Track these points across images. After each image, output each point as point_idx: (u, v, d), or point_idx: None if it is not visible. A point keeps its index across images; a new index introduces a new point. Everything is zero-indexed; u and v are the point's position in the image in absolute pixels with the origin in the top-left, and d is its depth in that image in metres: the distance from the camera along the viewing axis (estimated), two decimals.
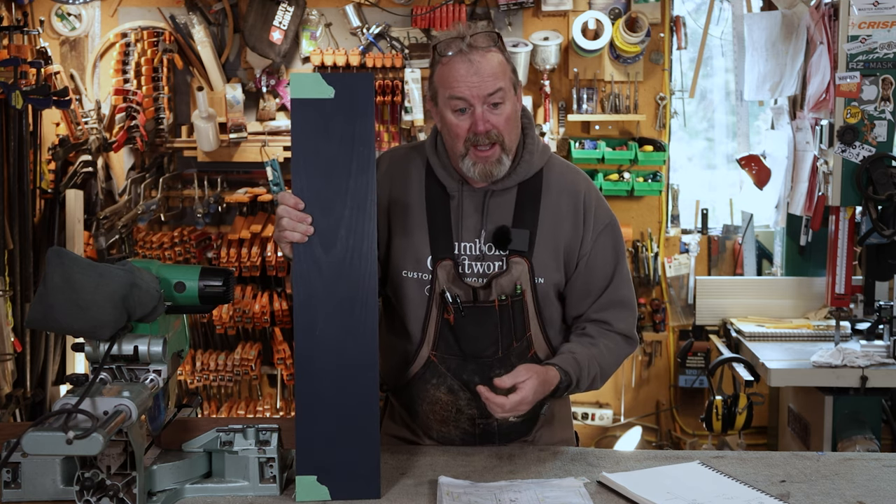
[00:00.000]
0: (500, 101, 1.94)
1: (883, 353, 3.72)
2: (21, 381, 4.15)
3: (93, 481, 1.61)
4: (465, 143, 1.95)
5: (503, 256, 2.01)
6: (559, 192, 2.05)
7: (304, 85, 1.76)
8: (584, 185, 2.09)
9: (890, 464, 1.96)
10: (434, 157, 2.07)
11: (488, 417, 2.06)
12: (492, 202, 2.03)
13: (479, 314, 2.00)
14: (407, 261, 2.04)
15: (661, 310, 4.63)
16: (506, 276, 2.00)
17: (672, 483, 1.82)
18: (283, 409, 4.60)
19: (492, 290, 2.00)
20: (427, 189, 2.06)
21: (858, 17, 3.64)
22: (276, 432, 1.79)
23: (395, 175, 2.09)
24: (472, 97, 1.92)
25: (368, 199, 1.76)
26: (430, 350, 2.04)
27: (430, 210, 2.04)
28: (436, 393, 2.06)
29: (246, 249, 4.34)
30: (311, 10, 4.49)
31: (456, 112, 1.95)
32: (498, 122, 1.94)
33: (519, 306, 2.01)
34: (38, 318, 1.67)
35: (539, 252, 2.02)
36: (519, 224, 2.02)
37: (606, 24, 4.39)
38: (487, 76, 1.92)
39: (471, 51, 1.92)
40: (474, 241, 2.03)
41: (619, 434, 4.62)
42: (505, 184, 2.03)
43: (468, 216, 2.03)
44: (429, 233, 2.03)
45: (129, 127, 4.42)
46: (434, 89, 2.00)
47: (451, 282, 2.01)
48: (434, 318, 2.02)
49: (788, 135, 4.28)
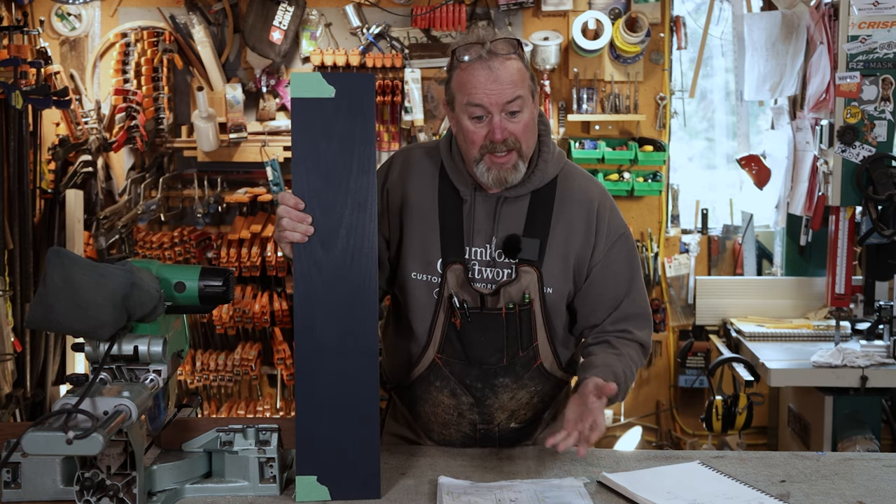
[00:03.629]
0: (519, 109, 1.91)
1: (883, 353, 3.72)
2: (21, 381, 4.15)
3: (93, 481, 1.61)
4: (481, 150, 1.92)
5: (513, 264, 2.00)
6: (572, 202, 2.03)
7: (304, 84, 1.75)
8: (597, 194, 2.07)
9: (890, 464, 1.96)
10: (448, 159, 2.04)
11: (489, 423, 2.06)
12: (504, 209, 2.01)
13: (486, 321, 1.99)
14: (417, 262, 2.03)
15: (661, 310, 4.63)
16: (514, 285, 1.98)
17: (672, 483, 1.82)
18: (283, 409, 4.60)
19: (500, 298, 1.99)
20: (440, 191, 2.04)
21: (858, 17, 3.64)
22: (276, 432, 1.79)
23: (409, 176, 2.07)
24: (490, 105, 1.89)
25: (369, 199, 1.75)
26: (435, 353, 2.03)
27: (442, 213, 2.02)
28: (438, 395, 2.06)
29: (246, 249, 4.34)
30: (311, 10, 4.49)
31: (473, 119, 1.92)
32: (516, 129, 1.91)
33: (526, 315, 2.00)
34: (38, 318, 1.67)
35: (549, 262, 2.00)
36: (530, 233, 2.00)
37: (606, 24, 4.39)
38: (507, 84, 1.89)
39: (490, 57, 1.89)
40: (485, 246, 2.01)
41: (619, 434, 4.62)
42: (518, 191, 2.01)
43: (480, 221, 2.01)
44: (440, 235, 2.01)
45: (129, 127, 4.42)
46: (451, 94, 1.97)
47: (459, 286, 1.99)
48: (441, 321, 2.01)
49: (788, 135, 4.28)
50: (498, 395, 2.03)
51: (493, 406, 2.05)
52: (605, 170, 4.54)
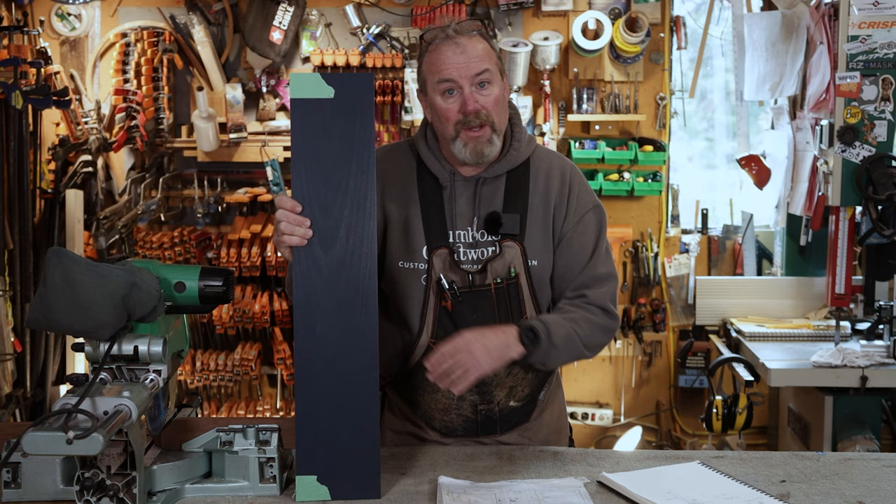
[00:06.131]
0: (488, 80, 1.97)
1: (883, 353, 3.72)
2: (21, 381, 4.16)
3: (93, 481, 1.61)
4: (456, 126, 1.98)
5: (496, 241, 2.04)
6: (547, 177, 2.09)
7: (303, 85, 1.76)
8: (569, 168, 2.13)
9: (890, 464, 1.96)
10: (425, 149, 2.09)
11: (489, 403, 2.07)
12: (483, 190, 2.06)
13: (476, 299, 2.03)
14: (402, 252, 2.06)
15: (661, 310, 4.63)
16: (499, 260, 2.03)
17: (672, 483, 1.82)
18: (283, 409, 4.60)
19: (487, 275, 2.03)
20: (419, 181, 2.08)
21: (858, 17, 3.64)
22: (276, 432, 1.79)
23: (385, 170, 2.08)
24: (459, 77, 1.95)
25: (368, 199, 1.76)
26: (429, 338, 2.05)
27: (423, 201, 2.06)
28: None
29: (246, 249, 4.34)
30: (311, 10, 4.49)
31: (445, 95, 1.98)
32: (487, 102, 1.97)
33: (514, 289, 2.04)
34: (38, 318, 1.67)
35: (531, 235, 2.05)
36: (510, 209, 2.05)
37: (606, 24, 4.39)
38: (474, 57, 1.96)
39: (456, 35, 1.97)
40: (467, 228, 2.05)
41: (619, 434, 4.62)
42: (495, 170, 2.06)
43: (461, 205, 2.06)
44: (423, 223, 2.05)
45: (129, 127, 4.42)
46: (423, 79, 2.04)
47: (447, 269, 2.03)
48: (432, 305, 2.04)
49: (788, 135, 4.28)
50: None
51: (492, 384, 2.06)
52: (605, 170, 4.54)
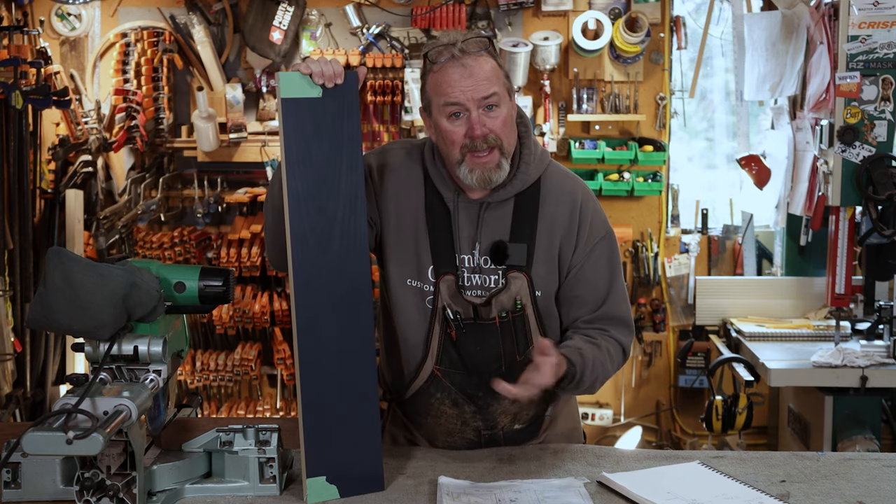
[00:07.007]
0: (496, 104, 1.90)
1: (883, 353, 3.72)
2: (21, 381, 4.15)
3: (93, 481, 1.61)
4: (462, 150, 1.90)
5: (500, 270, 1.98)
6: (556, 203, 2.01)
7: (292, 84, 1.75)
8: (581, 194, 2.05)
9: (890, 464, 1.96)
10: (432, 166, 2.02)
11: (493, 427, 2.05)
12: (488, 214, 1.99)
13: (481, 331, 1.98)
14: (411, 269, 2.01)
15: (661, 310, 4.63)
16: (505, 293, 1.97)
17: (672, 483, 1.82)
18: (283, 409, 4.60)
19: (492, 308, 1.97)
20: (427, 199, 2.02)
21: (858, 17, 3.64)
22: (276, 432, 1.79)
23: (397, 181, 2.04)
24: (466, 101, 1.88)
25: (358, 198, 1.76)
26: (433, 364, 2.01)
27: (430, 220, 2.00)
28: (440, 406, 2.04)
29: (246, 249, 4.34)
30: (311, 10, 4.49)
31: (451, 118, 1.90)
32: (494, 125, 1.90)
33: (520, 321, 1.98)
34: (38, 318, 1.67)
35: (538, 265, 1.99)
36: (517, 238, 1.98)
37: (606, 24, 4.39)
38: (481, 79, 1.88)
39: (462, 55, 1.89)
40: (471, 253, 1.99)
41: (619, 434, 4.62)
42: (501, 195, 1.99)
43: (463, 228, 2.00)
44: (430, 244, 1.99)
45: (129, 127, 4.42)
46: (427, 99, 1.95)
47: (451, 297, 1.97)
48: (437, 333, 1.99)
49: (788, 135, 4.28)
50: (500, 400, 2.00)
51: (496, 412, 2.04)
52: (605, 170, 4.54)
